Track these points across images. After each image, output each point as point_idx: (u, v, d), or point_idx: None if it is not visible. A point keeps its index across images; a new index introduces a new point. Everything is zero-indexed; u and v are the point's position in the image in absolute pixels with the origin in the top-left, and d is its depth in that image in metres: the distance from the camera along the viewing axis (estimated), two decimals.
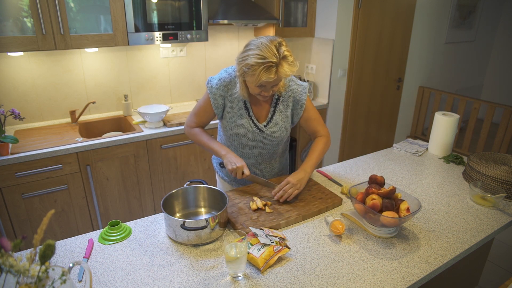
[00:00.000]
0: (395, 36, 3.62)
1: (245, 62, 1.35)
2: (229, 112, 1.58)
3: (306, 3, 3.15)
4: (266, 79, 1.34)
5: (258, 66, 1.32)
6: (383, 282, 1.10)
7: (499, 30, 5.06)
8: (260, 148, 1.64)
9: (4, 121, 2.07)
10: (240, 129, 1.58)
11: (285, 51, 1.35)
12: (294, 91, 1.60)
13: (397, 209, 1.29)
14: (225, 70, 1.58)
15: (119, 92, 2.75)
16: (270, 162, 1.73)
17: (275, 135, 1.60)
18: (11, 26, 2.03)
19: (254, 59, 1.32)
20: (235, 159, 1.50)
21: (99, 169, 2.30)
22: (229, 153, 1.53)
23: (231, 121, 1.58)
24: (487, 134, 3.68)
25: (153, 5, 2.35)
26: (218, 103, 1.57)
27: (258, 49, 1.33)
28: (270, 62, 1.31)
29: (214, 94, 1.55)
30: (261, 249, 1.16)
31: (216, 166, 1.83)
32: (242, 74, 1.41)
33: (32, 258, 0.76)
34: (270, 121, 1.59)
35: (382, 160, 2.01)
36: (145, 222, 1.40)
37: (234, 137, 1.61)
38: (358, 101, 3.57)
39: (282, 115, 1.60)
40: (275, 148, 1.67)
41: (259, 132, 1.58)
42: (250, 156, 1.67)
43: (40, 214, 2.18)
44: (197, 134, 1.66)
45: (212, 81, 1.58)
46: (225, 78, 1.55)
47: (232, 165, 1.48)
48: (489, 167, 1.71)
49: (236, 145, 1.64)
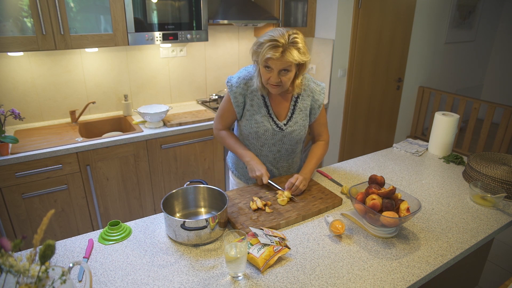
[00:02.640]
0: (395, 36, 3.62)
1: (257, 42, 1.43)
2: (249, 110, 1.59)
3: (306, 3, 3.15)
4: (271, 55, 1.37)
5: (266, 42, 1.38)
6: (383, 282, 1.10)
7: (499, 30, 5.06)
8: (279, 146, 1.65)
9: (4, 121, 2.07)
10: (260, 127, 1.59)
11: (297, 38, 1.40)
12: (313, 91, 1.63)
13: (397, 209, 1.29)
14: (244, 69, 1.60)
15: (119, 92, 2.75)
16: (287, 161, 1.74)
17: (294, 133, 1.62)
18: (11, 26, 2.03)
19: (265, 37, 1.41)
20: (256, 166, 1.56)
21: (99, 169, 2.30)
22: (252, 160, 1.58)
23: (251, 119, 1.60)
24: (487, 134, 3.68)
25: (153, 5, 2.35)
26: (239, 101, 1.59)
27: (271, 32, 1.41)
28: (277, 42, 1.37)
29: (234, 92, 1.57)
30: (261, 249, 1.16)
31: (232, 164, 1.85)
32: (252, 57, 1.48)
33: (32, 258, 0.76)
34: (290, 119, 1.60)
35: (382, 160, 2.01)
36: (145, 222, 1.40)
37: (254, 135, 1.62)
38: (358, 101, 3.57)
39: (302, 114, 1.62)
40: (294, 147, 1.69)
41: (279, 130, 1.60)
42: (268, 154, 1.68)
43: (40, 214, 2.18)
44: (224, 138, 1.70)
45: (232, 80, 1.60)
46: (244, 76, 1.57)
47: (252, 173, 1.57)
48: (489, 167, 1.71)
49: (255, 143, 1.65)
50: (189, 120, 2.58)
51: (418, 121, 4.29)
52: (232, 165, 1.85)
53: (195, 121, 2.59)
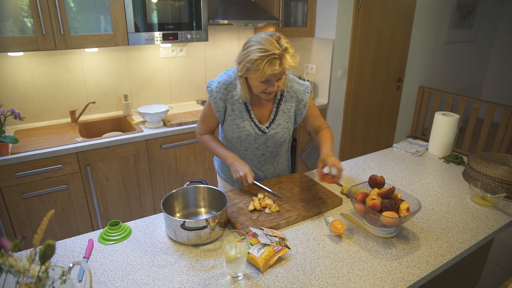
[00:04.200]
0: (395, 36, 3.62)
1: (248, 59, 1.34)
2: (230, 115, 1.57)
3: (306, 3, 3.15)
4: (271, 72, 1.33)
5: (262, 59, 1.31)
6: (383, 282, 1.10)
7: (499, 30, 5.06)
8: (262, 149, 1.63)
9: (4, 121, 2.07)
10: (241, 132, 1.57)
11: (285, 43, 1.35)
12: (296, 91, 1.60)
13: (397, 209, 1.29)
14: (224, 73, 1.57)
15: (119, 92, 2.75)
16: (272, 164, 1.72)
17: (277, 136, 1.60)
18: (11, 26, 2.03)
19: (257, 53, 1.31)
20: (239, 167, 1.51)
21: (99, 169, 2.30)
22: (235, 161, 1.53)
23: (233, 124, 1.57)
24: (487, 134, 3.68)
25: (153, 5, 2.35)
26: (219, 107, 1.56)
27: (259, 44, 1.32)
28: (273, 54, 1.31)
29: (214, 97, 1.54)
30: (261, 249, 1.16)
31: (218, 167, 1.83)
32: (245, 73, 1.40)
33: (32, 258, 0.76)
34: (272, 122, 1.58)
35: (382, 160, 2.01)
36: (145, 222, 1.40)
37: (236, 139, 1.60)
38: (358, 101, 3.57)
39: (285, 116, 1.60)
40: (278, 149, 1.67)
41: (261, 133, 1.58)
42: (252, 158, 1.66)
43: (40, 214, 2.18)
44: (206, 142, 1.67)
45: (212, 85, 1.56)
46: (224, 80, 1.54)
47: (236, 174, 1.51)
48: (489, 167, 1.71)
49: (239, 147, 1.64)
50: (189, 120, 2.58)
51: (418, 121, 4.29)
52: (218, 167, 1.83)
53: (195, 121, 2.59)
